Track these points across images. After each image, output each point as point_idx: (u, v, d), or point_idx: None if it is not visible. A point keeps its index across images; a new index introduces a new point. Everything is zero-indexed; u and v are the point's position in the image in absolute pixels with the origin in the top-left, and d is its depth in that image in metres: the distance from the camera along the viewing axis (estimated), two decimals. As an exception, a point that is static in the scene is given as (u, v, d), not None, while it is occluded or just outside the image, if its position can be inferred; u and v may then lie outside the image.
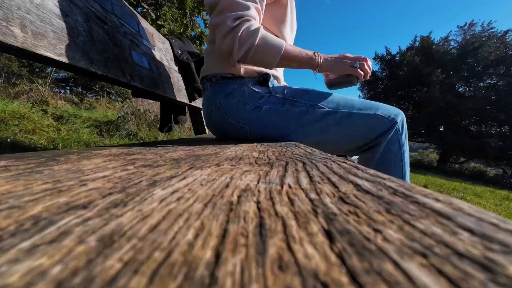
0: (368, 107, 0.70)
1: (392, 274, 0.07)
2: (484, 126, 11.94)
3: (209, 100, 0.79)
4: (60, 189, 0.16)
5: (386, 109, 0.71)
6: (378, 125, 0.69)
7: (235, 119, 0.74)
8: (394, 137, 0.70)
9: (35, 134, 1.36)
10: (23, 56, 0.47)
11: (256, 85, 0.74)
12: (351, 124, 0.69)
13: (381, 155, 0.71)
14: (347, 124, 0.70)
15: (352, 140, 0.73)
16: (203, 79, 0.82)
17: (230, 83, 0.74)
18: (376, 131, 0.70)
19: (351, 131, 0.71)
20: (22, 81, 3.99)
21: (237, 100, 0.72)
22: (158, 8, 3.18)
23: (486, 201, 3.83)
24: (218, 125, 0.79)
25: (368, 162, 0.74)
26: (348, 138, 0.72)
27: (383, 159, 0.71)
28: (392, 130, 0.69)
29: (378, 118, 0.69)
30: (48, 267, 0.08)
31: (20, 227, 0.10)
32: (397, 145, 0.70)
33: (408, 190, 0.15)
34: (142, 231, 0.10)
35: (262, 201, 0.14)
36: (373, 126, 0.70)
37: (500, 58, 11.37)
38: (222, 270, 0.07)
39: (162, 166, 0.25)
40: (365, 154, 0.75)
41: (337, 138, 0.72)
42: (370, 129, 0.70)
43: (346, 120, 0.69)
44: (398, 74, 14.05)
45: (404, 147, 0.71)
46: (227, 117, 0.75)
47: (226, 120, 0.76)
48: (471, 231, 0.10)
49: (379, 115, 0.69)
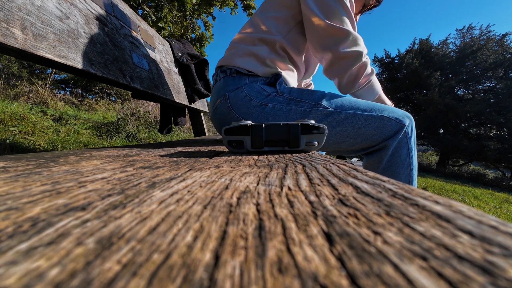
0: (374, 109, 0.69)
1: (392, 277, 0.07)
2: (483, 128, 11.99)
3: (219, 91, 0.80)
4: (59, 190, 0.16)
5: (393, 111, 0.69)
6: (384, 127, 0.68)
7: (239, 113, 0.75)
8: (403, 140, 0.68)
9: (34, 135, 1.36)
10: (23, 57, 0.47)
11: (266, 85, 0.76)
12: (355, 125, 0.69)
13: (389, 159, 0.70)
14: (351, 124, 0.69)
15: (356, 141, 0.71)
16: (217, 69, 0.83)
17: (243, 78, 0.75)
18: (383, 133, 0.68)
19: (355, 132, 0.70)
20: (22, 82, 3.99)
21: (244, 95, 0.74)
22: (159, 10, 3.19)
23: (485, 204, 3.83)
24: (223, 117, 0.80)
25: (375, 166, 0.73)
26: (352, 139, 0.71)
27: (391, 163, 0.70)
28: (401, 133, 0.68)
29: (383, 120, 0.68)
30: (46, 269, 0.07)
31: (18, 229, 0.10)
32: (406, 149, 0.69)
33: (407, 192, 0.15)
34: (141, 233, 0.10)
35: (261, 203, 0.14)
36: (379, 127, 0.68)
37: (499, 61, 11.45)
38: (221, 273, 0.07)
39: (161, 168, 0.25)
40: (372, 157, 0.74)
41: (341, 138, 0.71)
42: (376, 131, 0.68)
43: (350, 121, 0.69)
44: (397, 77, 14.13)
45: (412, 152, 0.70)
46: (232, 110, 0.76)
47: (231, 113, 0.76)
48: (471, 233, 0.10)
49: (384, 117, 0.68)
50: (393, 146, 0.68)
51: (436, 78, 12.09)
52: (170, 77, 1.14)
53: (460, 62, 12.45)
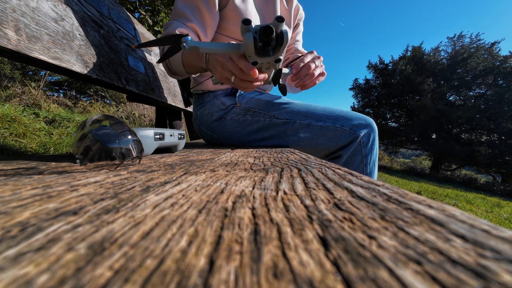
0: (330, 117, 0.68)
1: (387, 282, 0.07)
2: (474, 134, 12.27)
3: (193, 111, 0.92)
4: (50, 194, 0.16)
5: (350, 119, 0.67)
6: (339, 137, 0.66)
7: (206, 128, 0.84)
8: (357, 149, 0.67)
9: (26, 138, 1.33)
10: (17, 58, 0.46)
11: (226, 96, 0.80)
12: (310, 134, 0.68)
13: (343, 166, 0.68)
14: (307, 133, 0.68)
15: (314, 150, 0.70)
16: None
17: (204, 96, 0.84)
18: (338, 144, 0.67)
19: (311, 142, 0.69)
20: (14, 84, 3.92)
21: (207, 112, 0.82)
22: (155, 14, 3.20)
23: (477, 208, 3.89)
24: (199, 132, 0.91)
25: None
26: (309, 148, 0.70)
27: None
28: (355, 143, 0.66)
29: (337, 131, 0.66)
30: (35, 275, 0.07)
31: (6, 234, 0.10)
32: (360, 157, 0.67)
33: (402, 196, 0.15)
34: (134, 238, 0.10)
35: (257, 207, 0.14)
36: (333, 138, 0.67)
37: (488, 69, 11.80)
38: (216, 278, 0.07)
39: (156, 172, 0.25)
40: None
41: (298, 148, 0.71)
42: (331, 141, 0.67)
43: (304, 130, 0.68)
44: (391, 83, 14.41)
45: (368, 158, 0.68)
46: (201, 126, 0.86)
47: (201, 129, 0.86)
48: (463, 237, 0.10)
49: (338, 128, 0.66)
50: (347, 155, 0.67)
51: (428, 84, 12.37)
52: (166, 80, 1.14)
53: (452, 69, 12.79)
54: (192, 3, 0.69)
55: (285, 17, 0.88)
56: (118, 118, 0.28)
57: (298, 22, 0.96)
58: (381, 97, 14.69)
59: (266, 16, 0.83)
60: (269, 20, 0.83)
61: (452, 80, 12.77)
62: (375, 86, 15.57)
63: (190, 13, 0.68)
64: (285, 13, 0.88)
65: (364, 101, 15.89)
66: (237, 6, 0.74)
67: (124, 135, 0.27)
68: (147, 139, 0.38)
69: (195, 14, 0.69)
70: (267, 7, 0.82)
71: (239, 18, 0.75)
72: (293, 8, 0.89)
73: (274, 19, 0.39)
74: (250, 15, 0.77)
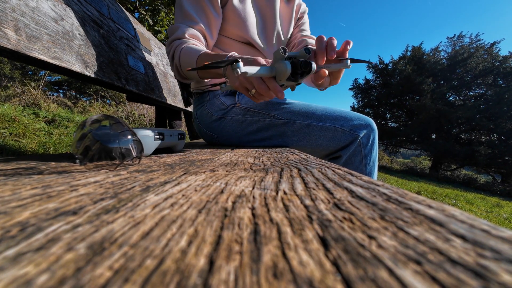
0: (330, 117, 0.68)
1: (387, 282, 0.07)
2: (474, 134, 12.28)
3: (193, 111, 0.91)
4: (50, 194, 0.16)
5: (350, 119, 0.67)
6: (339, 138, 0.66)
7: (206, 128, 0.84)
8: (357, 149, 0.67)
9: (26, 138, 1.33)
10: (16, 58, 0.46)
11: (226, 96, 0.80)
12: (309, 135, 0.68)
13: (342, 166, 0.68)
14: (306, 135, 0.68)
15: (314, 150, 0.71)
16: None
17: (204, 96, 0.84)
18: (338, 144, 0.67)
19: (311, 143, 0.69)
20: (14, 83, 3.92)
21: (207, 111, 0.82)
22: (156, 14, 3.20)
23: (477, 208, 3.89)
24: (199, 132, 0.90)
25: None
26: (309, 148, 0.70)
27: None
28: (355, 143, 0.66)
29: (337, 131, 0.66)
30: (34, 275, 0.07)
31: (5, 234, 0.10)
32: (359, 157, 0.68)
33: (401, 196, 0.15)
34: (133, 238, 0.10)
35: (257, 207, 0.14)
36: (333, 138, 0.67)
37: (488, 69, 11.80)
38: (216, 278, 0.07)
39: (155, 172, 0.25)
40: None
41: (298, 148, 0.71)
42: (331, 142, 0.67)
43: (304, 131, 0.68)
44: (391, 83, 14.40)
45: (367, 159, 0.68)
46: (201, 126, 0.86)
47: (201, 129, 0.86)
48: (463, 237, 0.10)
49: (338, 128, 0.66)
50: (346, 155, 0.67)
51: (428, 84, 12.37)
52: (166, 80, 1.14)
53: (451, 69, 12.79)
54: (197, 3, 0.69)
55: (285, 14, 0.88)
56: (118, 118, 0.28)
57: (302, 15, 0.97)
58: (381, 97, 14.69)
59: (265, 16, 0.83)
60: (269, 20, 0.83)
61: (452, 80, 12.78)
62: (375, 86, 15.57)
63: (196, 14, 0.69)
64: (285, 10, 0.89)
65: (364, 101, 15.90)
66: (235, 6, 0.75)
67: (124, 135, 0.27)
68: (147, 139, 0.38)
69: (201, 15, 0.70)
70: (266, 6, 0.82)
71: (238, 19, 0.76)
72: (295, 5, 0.90)
73: (303, 50, 0.44)
74: (248, 16, 0.77)
